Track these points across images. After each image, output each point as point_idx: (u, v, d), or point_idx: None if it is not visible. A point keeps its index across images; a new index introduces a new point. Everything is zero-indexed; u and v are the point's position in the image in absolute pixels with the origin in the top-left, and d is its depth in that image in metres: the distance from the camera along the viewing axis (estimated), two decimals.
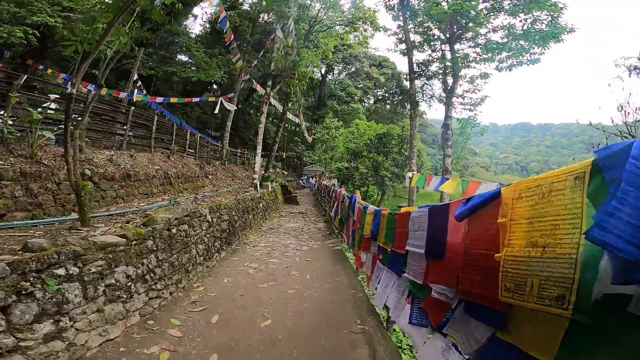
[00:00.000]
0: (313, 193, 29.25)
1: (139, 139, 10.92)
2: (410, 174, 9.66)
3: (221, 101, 16.84)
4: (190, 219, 5.30)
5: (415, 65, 15.25)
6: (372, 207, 4.66)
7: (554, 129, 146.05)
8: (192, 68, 29.82)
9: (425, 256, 2.14)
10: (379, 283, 3.47)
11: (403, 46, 15.44)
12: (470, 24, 12.54)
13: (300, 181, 36.35)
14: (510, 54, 12.94)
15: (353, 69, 52.93)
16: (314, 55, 15.49)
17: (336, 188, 10.60)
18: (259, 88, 16.66)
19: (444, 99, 14.28)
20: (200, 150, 14.26)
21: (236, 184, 13.06)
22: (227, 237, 7.16)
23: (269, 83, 12.18)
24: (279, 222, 11.50)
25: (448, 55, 14.31)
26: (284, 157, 35.76)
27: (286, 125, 34.62)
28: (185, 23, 33.27)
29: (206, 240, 5.88)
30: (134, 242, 3.70)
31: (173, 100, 17.73)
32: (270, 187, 13.19)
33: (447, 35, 13.92)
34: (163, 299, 4.04)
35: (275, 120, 34.50)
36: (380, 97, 57.17)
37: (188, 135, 13.73)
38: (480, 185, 4.98)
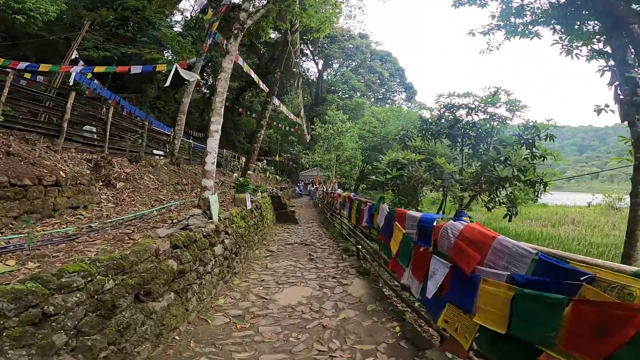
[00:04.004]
0: (314, 203, 23.20)
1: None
2: None
3: (177, 69, 10.87)
4: None
5: None
6: None
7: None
8: (166, 54, 23.98)
9: None
10: None
11: None
12: None
13: (297, 188, 30.36)
14: None
15: (354, 64, 47.56)
16: None
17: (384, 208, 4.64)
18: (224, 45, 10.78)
19: None
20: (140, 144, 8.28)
21: (181, 199, 6.98)
22: None
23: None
24: (260, 285, 5.47)
25: None
26: (276, 159, 29.72)
27: (279, 125, 28.82)
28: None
29: None
30: None
31: (99, 69, 11.81)
32: (248, 203, 7.14)
33: None
34: None
35: (267, 120, 28.70)
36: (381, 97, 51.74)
37: (109, 118, 7.66)
38: None
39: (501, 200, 5.31)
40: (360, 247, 7.15)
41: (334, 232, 10.34)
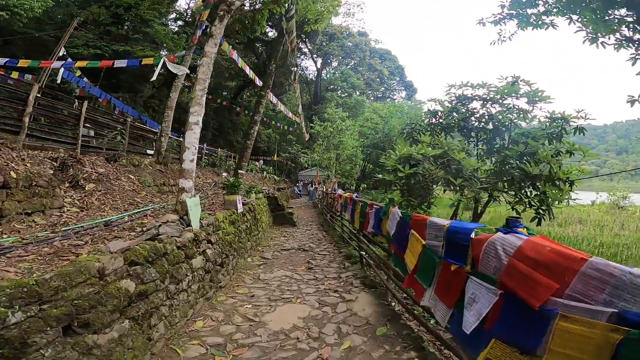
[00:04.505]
0: (313, 204, 22.42)
1: None
2: None
3: (165, 63, 10.15)
4: None
5: None
6: None
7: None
8: (162, 52, 23.23)
9: None
10: None
11: None
12: None
13: (296, 188, 29.60)
14: None
15: (353, 62, 46.78)
16: None
17: (395, 211, 3.89)
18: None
19: None
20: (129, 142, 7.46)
21: (163, 202, 6.20)
22: None
23: None
24: (248, 302, 4.72)
25: None
26: (275, 159, 28.96)
27: (277, 124, 28.06)
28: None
29: None
30: None
31: (80, 64, 11.14)
32: (239, 205, 6.37)
33: None
34: None
35: (265, 120, 27.98)
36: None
37: (83, 113, 6.89)
38: None
39: (531, 201, 4.54)
40: (363, 253, 6.40)
41: (335, 236, 9.58)
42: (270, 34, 29.76)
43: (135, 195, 5.77)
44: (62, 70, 13.90)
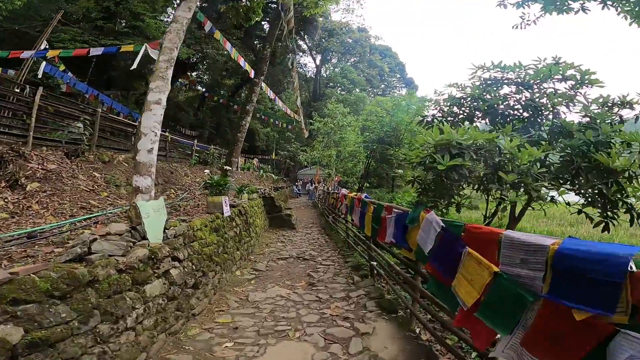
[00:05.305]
0: (313, 204, 21.28)
1: None
2: None
3: (147, 49, 9.09)
4: None
5: None
6: None
7: None
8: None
9: None
10: None
11: None
12: None
13: (295, 188, 28.52)
14: None
15: (353, 59, 45.62)
16: None
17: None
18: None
19: None
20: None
21: (129, 205, 5.06)
22: None
23: None
24: (229, 339, 3.59)
25: None
26: (273, 157, 27.86)
27: (276, 122, 26.94)
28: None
29: None
30: None
31: (52, 52, 10.10)
32: (226, 208, 5.25)
33: None
34: None
35: (263, 118, 26.90)
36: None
37: (36, 102, 5.75)
38: None
39: (607, 201, 3.41)
40: (375, 263, 5.28)
41: (338, 241, 8.46)
42: (266, 27, 28.64)
43: (92, 197, 4.65)
44: (43, 64, 12.88)
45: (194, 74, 29.80)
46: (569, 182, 3.64)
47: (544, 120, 5.64)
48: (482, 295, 1.92)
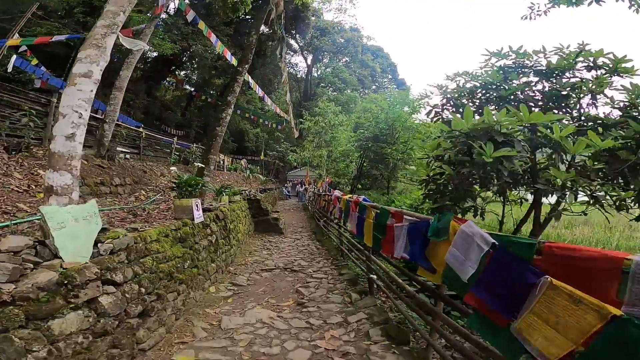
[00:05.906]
0: (303, 206, 20.41)
1: None
2: None
3: (118, 37, 8.05)
4: None
5: None
6: None
7: None
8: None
9: None
10: None
11: None
12: None
13: (284, 189, 27.59)
14: None
15: (345, 59, 45.04)
16: None
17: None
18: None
19: None
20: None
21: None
22: None
23: None
24: None
25: None
26: (262, 158, 26.87)
27: (265, 122, 26.00)
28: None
29: None
30: None
31: (12, 42, 9.07)
32: (196, 213, 4.35)
33: None
34: None
35: (252, 118, 25.90)
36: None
37: None
38: None
39: None
40: (374, 276, 4.47)
41: (331, 248, 7.62)
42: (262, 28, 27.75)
43: (24, 199, 3.70)
44: (14, 57, 11.76)
45: (182, 72, 28.64)
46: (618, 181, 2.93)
47: (571, 112, 4.95)
48: (588, 347, 1.14)
